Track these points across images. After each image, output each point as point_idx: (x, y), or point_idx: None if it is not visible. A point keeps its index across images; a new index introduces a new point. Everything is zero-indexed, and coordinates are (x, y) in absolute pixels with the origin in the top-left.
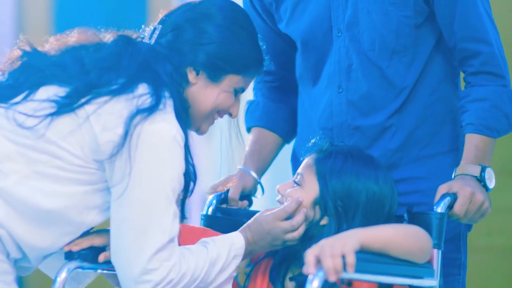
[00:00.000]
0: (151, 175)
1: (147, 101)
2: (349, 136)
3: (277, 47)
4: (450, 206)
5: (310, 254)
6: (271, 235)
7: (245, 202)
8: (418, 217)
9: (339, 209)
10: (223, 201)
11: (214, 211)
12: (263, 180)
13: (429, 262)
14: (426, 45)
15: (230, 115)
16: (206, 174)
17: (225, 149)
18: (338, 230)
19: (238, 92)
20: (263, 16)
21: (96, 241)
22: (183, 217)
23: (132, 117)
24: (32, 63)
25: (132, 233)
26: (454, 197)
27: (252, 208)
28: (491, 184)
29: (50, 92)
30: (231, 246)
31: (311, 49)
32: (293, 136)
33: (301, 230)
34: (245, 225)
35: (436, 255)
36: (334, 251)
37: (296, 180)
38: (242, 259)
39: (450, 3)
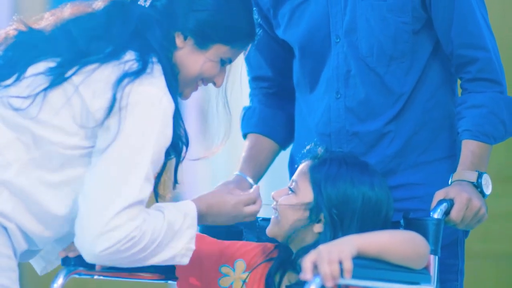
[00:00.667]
0: (135, 134)
1: (133, 66)
2: (347, 142)
3: (274, 53)
4: (447, 212)
5: (307, 260)
6: (230, 216)
7: None
8: (414, 223)
9: (334, 217)
10: None
11: None
12: (260, 185)
13: (426, 268)
14: (424, 51)
15: (215, 84)
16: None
17: (212, 118)
18: (334, 238)
19: (224, 62)
20: (260, 21)
21: None
22: (175, 182)
23: (119, 80)
24: (26, 41)
25: (104, 187)
26: (451, 203)
27: None
28: (487, 190)
29: (40, 68)
30: (185, 214)
31: (309, 55)
32: (290, 143)
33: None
34: (202, 196)
35: (433, 261)
36: (331, 257)
37: (291, 187)
38: None
39: (447, 9)
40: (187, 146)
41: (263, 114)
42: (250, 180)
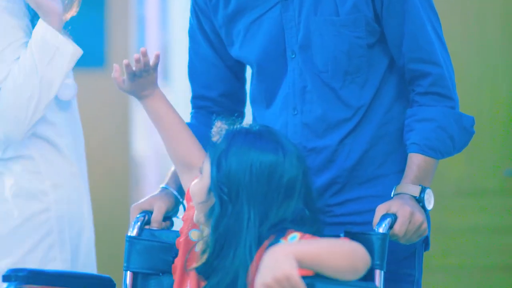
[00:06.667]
0: None
1: None
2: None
3: (221, 74)
4: (391, 226)
5: None
6: None
7: (168, 223)
8: (359, 238)
9: (222, 194)
10: (146, 222)
11: (139, 232)
12: None
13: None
14: (380, 65)
15: None
16: None
17: None
18: (224, 213)
19: None
20: (212, 39)
21: None
22: None
23: None
24: None
25: None
26: (394, 217)
27: (174, 228)
28: (429, 205)
29: None
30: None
31: (266, 71)
32: None
33: None
34: None
35: (379, 276)
36: (280, 281)
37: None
38: None
39: (398, 24)
40: None
41: (198, 132)
42: (175, 193)
